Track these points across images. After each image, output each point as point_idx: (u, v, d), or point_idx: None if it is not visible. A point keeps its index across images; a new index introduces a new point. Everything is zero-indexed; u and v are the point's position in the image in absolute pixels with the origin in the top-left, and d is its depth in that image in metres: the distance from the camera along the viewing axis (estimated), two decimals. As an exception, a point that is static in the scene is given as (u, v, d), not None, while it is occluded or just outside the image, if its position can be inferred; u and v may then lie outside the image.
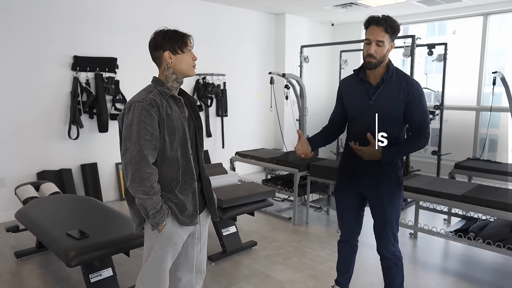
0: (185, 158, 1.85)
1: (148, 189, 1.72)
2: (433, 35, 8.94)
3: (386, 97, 2.13)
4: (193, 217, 1.88)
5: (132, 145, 1.72)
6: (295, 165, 4.20)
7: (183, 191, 1.86)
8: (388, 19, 2.08)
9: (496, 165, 4.30)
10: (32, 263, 3.29)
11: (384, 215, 2.25)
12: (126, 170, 1.75)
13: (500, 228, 3.03)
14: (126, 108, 1.79)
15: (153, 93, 1.79)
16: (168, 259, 1.90)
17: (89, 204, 3.25)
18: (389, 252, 2.30)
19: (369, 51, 2.07)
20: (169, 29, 1.84)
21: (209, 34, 5.93)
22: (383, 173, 2.21)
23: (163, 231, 1.82)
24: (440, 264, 3.38)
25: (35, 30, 4.32)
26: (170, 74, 1.85)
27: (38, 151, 4.45)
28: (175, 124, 1.81)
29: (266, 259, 3.40)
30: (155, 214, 1.76)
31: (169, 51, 1.81)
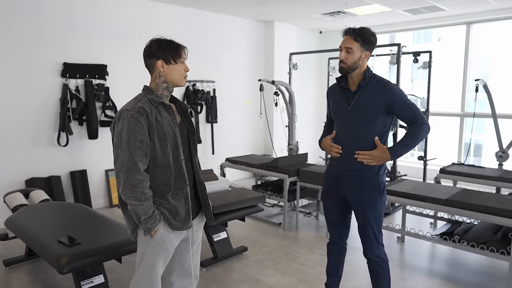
0: (177, 164, 1.88)
1: (139, 195, 1.76)
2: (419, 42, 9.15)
3: (363, 102, 2.26)
4: (186, 221, 1.91)
5: (123, 152, 1.76)
6: (284, 171, 4.25)
7: (175, 196, 1.89)
8: (359, 29, 2.24)
9: (479, 169, 4.42)
10: (21, 271, 3.26)
11: (366, 219, 2.34)
12: (118, 177, 1.78)
13: (484, 231, 3.13)
14: (116, 117, 1.83)
15: (142, 101, 1.82)
16: (159, 264, 1.93)
17: (80, 211, 3.25)
18: (374, 255, 2.38)
19: (340, 57, 2.27)
20: (165, 39, 1.88)
21: (199, 41, 5.98)
22: (364, 179, 2.31)
23: (155, 236, 1.85)
24: (427, 267, 3.46)
25: (25, 37, 4.32)
26: (161, 82, 1.89)
27: (27, 158, 4.42)
28: (166, 130, 1.84)
29: (256, 264, 3.43)
30: (147, 220, 1.79)
31: (162, 60, 1.85)
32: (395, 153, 2.25)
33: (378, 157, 2.24)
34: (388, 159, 2.24)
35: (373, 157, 2.24)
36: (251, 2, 5.44)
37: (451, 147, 6.56)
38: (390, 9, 5.78)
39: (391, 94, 2.21)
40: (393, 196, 3.43)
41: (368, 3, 5.45)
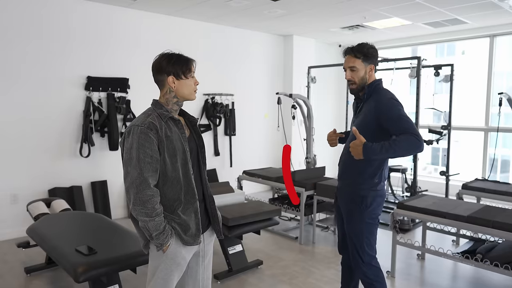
0: (187, 178, 1.87)
1: (150, 211, 1.74)
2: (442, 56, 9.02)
3: (363, 113, 2.32)
4: (197, 236, 1.90)
5: (133, 168, 1.75)
6: (301, 184, 4.22)
7: (186, 211, 1.87)
8: (357, 46, 2.30)
9: (504, 186, 4.27)
10: (41, 279, 3.34)
11: (346, 232, 2.39)
12: (128, 193, 1.77)
13: (508, 249, 3.00)
14: (126, 132, 1.82)
15: (151, 116, 1.82)
16: (174, 279, 1.91)
17: (98, 221, 3.31)
18: (360, 273, 2.36)
19: (346, 77, 2.32)
20: (174, 53, 1.88)
21: (219, 55, 6.08)
22: (345, 188, 2.38)
23: (167, 251, 1.84)
24: (448, 286, 3.34)
25: (52, 52, 4.50)
26: (171, 97, 1.89)
27: (50, 168, 4.56)
28: (175, 145, 1.83)
29: (271, 278, 3.40)
30: (158, 235, 1.78)
31: (173, 76, 1.85)
32: (368, 149, 2.08)
33: (355, 147, 2.13)
34: (360, 153, 2.10)
35: (352, 146, 2.15)
36: (271, 16, 5.51)
37: (475, 162, 6.38)
38: (410, 22, 5.74)
39: (380, 107, 2.22)
40: (412, 212, 3.35)
41: (387, 16, 5.42)
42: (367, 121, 2.26)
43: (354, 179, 2.31)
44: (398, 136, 2.11)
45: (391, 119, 2.16)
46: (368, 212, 2.30)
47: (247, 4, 4.86)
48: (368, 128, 2.23)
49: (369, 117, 2.25)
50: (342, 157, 2.42)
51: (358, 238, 2.32)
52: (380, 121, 2.20)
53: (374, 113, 2.22)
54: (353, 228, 2.33)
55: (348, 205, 2.35)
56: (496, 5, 4.82)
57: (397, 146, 2.07)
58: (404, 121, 2.13)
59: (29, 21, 4.32)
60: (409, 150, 2.09)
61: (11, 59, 4.23)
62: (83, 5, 4.69)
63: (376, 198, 2.30)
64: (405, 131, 2.09)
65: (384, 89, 2.33)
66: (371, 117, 2.24)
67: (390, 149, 2.07)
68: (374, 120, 2.22)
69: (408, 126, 2.11)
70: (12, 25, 4.21)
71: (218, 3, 4.82)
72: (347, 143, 2.41)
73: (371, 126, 2.24)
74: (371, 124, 2.24)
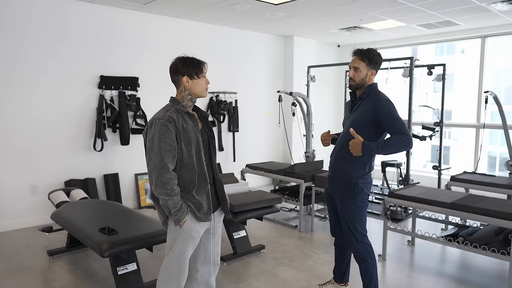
0: (200, 165, 2.17)
1: (169, 191, 2.05)
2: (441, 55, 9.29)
3: (359, 112, 2.62)
4: (208, 214, 2.21)
5: (155, 155, 2.05)
6: (300, 176, 4.54)
7: (199, 192, 2.18)
8: (366, 50, 2.60)
9: (490, 178, 4.57)
10: (63, 260, 3.66)
11: (341, 216, 2.69)
12: (150, 176, 2.08)
13: (487, 233, 3.31)
14: (148, 124, 2.13)
15: (170, 111, 2.12)
16: (188, 250, 2.21)
17: (115, 208, 3.63)
18: (353, 249, 2.69)
19: (349, 75, 2.64)
20: (188, 57, 2.18)
21: (223, 55, 6.40)
22: (339, 177, 2.67)
23: (183, 226, 2.15)
24: (435, 267, 3.64)
25: (68, 53, 4.82)
26: (186, 95, 2.19)
27: (66, 161, 4.89)
28: (190, 136, 2.13)
29: (273, 261, 3.72)
30: (176, 212, 2.09)
31: (187, 76, 2.15)
32: (366, 148, 2.44)
33: (355, 145, 2.47)
34: (359, 151, 2.45)
35: (351, 144, 2.49)
36: (273, 19, 5.81)
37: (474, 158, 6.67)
38: (404, 24, 6.03)
39: (377, 110, 2.51)
40: (401, 200, 3.66)
41: (382, 18, 5.72)
42: (364, 118, 2.56)
43: (347, 169, 2.63)
44: (392, 135, 2.47)
45: (386, 118, 2.49)
46: (359, 197, 2.63)
47: (250, 7, 5.16)
48: (364, 124, 2.56)
49: (366, 114, 2.56)
50: (335, 151, 2.73)
51: (352, 220, 2.64)
52: (376, 118, 2.52)
53: (372, 111, 2.53)
54: (346, 211, 2.65)
55: (342, 192, 2.66)
56: (485, 8, 5.11)
57: (391, 144, 2.44)
58: (397, 122, 2.48)
59: (48, 26, 4.64)
60: (401, 147, 2.46)
61: (32, 60, 4.55)
62: (97, 10, 5.00)
63: (365, 184, 2.63)
64: (397, 130, 2.45)
65: (381, 92, 2.65)
66: (368, 114, 2.55)
67: (385, 147, 2.44)
68: (371, 117, 2.53)
69: (400, 126, 2.46)
70: (34, 30, 4.53)
71: (223, 6, 5.12)
72: (340, 139, 2.71)
73: (367, 122, 2.55)
74: (368, 120, 2.55)
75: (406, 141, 2.42)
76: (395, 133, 2.46)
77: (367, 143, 2.45)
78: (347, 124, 2.70)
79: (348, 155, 2.57)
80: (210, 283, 2.38)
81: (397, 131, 2.45)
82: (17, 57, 4.46)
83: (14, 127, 4.50)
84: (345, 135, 2.65)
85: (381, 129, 2.55)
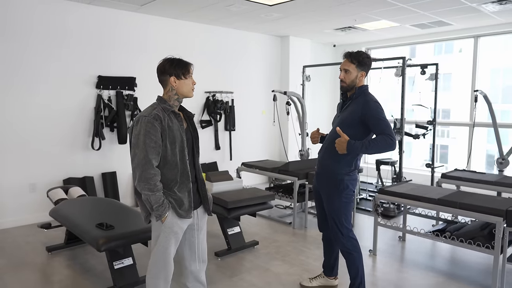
0: (183, 163, 2.23)
1: (152, 186, 2.11)
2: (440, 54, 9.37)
3: (348, 111, 2.72)
4: (189, 211, 2.26)
5: (140, 151, 2.11)
6: (294, 174, 4.63)
7: (181, 189, 2.23)
8: (355, 53, 2.69)
9: (480, 175, 4.66)
10: (61, 256, 3.76)
11: (327, 211, 2.79)
12: (134, 172, 2.14)
13: (473, 228, 3.41)
14: (135, 121, 2.19)
15: (157, 109, 2.18)
16: (171, 245, 2.26)
17: (112, 205, 3.72)
18: (339, 244, 2.79)
19: (339, 77, 2.73)
20: (175, 58, 2.24)
21: (219, 55, 6.49)
22: (326, 173, 2.76)
23: (165, 221, 2.20)
24: (424, 262, 3.73)
25: (67, 54, 4.91)
26: (173, 94, 2.25)
27: (65, 160, 4.98)
28: (175, 134, 2.19)
29: (266, 256, 3.81)
30: (158, 207, 2.14)
31: (175, 76, 2.21)
32: (351, 146, 2.54)
33: (340, 143, 2.57)
34: (345, 149, 2.55)
35: (337, 143, 2.59)
36: (268, 19, 5.90)
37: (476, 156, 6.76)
38: (398, 24, 6.13)
39: (365, 111, 2.61)
40: (391, 196, 3.76)
41: (376, 19, 5.81)
42: (353, 117, 2.66)
43: (333, 166, 2.73)
44: (377, 136, 2.57)
45: (373, 119, 2.59)
46: (345, 193, 2.73)
47: (245, 8, 5.25)
48: (353, 123, 2.66)
49: (355, 113, 2.66)
50: (323, 148, 2.83)
51: (337, 215, 2.74)
52: (364, 118, 2.62)
53: (360, 111, 2.63)
54: (332, 207, 2.75)
55: (328, 188, 2.77)
56: (476, 9, 5.20)
57: (375, 144, 2.54)
58: (382, 123, 2.58)
59: (47, 28, 4.72)
60: (384, 148, 2.56)
61: (32, 61, 4.64)
62: (95, 11, 5.09)
63: (350, 181, 2.74)
64: (382, 131, 2.55)
65: (371, 93, 2.75)
66: (357, 114, 2.65)
67: (369, 146, 2.53)
68: (359, 117, 2.63)
69: (385, 127, 2.56)
70: (33, 31, 4.62)
71: (219, 7, 5.21)
72: (328, 137, 2.80)
73: (355, 121, 2.65)
74: (356, 120, 2.65)
75: (390, 142, 2.52)
76: (380, 133, 2.56)
77: (352, 142, 2.55)
78: (336, 123, 2.79)
79: (334, 153, 2.66)
80: (200, 279, 2.46)
81: (382, 132, 2.55)
82: (17, 58, 4.55)
83: (13, 126, 4.59)
84: (333, 133, 2.74)
85: (368, 129, 2.65)
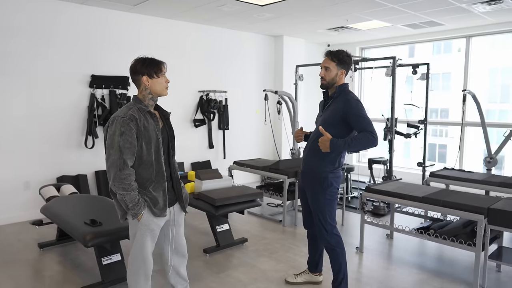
0: (158, 162, 2.27)
1: (127, 186, 2.14)
2: (438, 53, 9.40)
3: (330, 110, 2.77)
4: (163, 210, 2.30)
5: (114, 151, 2.13)
6: (284, 172, 4.69)
7: (156, 189, 2.27)
8: (336, 51, 2.75)
9: (468, 174, 4.71)
10: (52, 252, 3.82)
11: (312, 208, 2.84)
12: (109, 172, 2.16)
13: (456, 226, 3.47)
14: (110, 121, 2.20)
15: (132, 109, 2.20)
16: (148, 242, 2.30)
17: (102, 202, 3.78)
18: (323, 240, 2.84)
19: (320, 74, 2.78)
20: (147, 57, 2.26)
21: (213, 55, 6.54)
22: (310, 172, 2.81)
23: (141, 220, 2.25)
24: (410, 259, 3.79)
25: (59, 53, 4.97)
26: (147, 94, 2.26)
27: (58, 158, 5.04)
28: (151, 134, 2.22)
29: (254, 253, 3.87)
30: (133, 206, 2.18)
31: (147, 76, 2.22)
32: (334, 144, 2.58)
33: (323, 142, 2.61)
34: (328, 147, 2.59)
35: (320, 141, 2.64)
36: (260, 19, 5.95)
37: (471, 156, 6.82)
38: (390, 24, 6.18)
39: (346, 110, 2.66)
40: (377, 194, 3.81)
41: (367, 19, 5.86)
42: (335, 116, 2.71)
43: (317, 164, 2.78)
44: (359, 133, 2.61)
45: (354, 117, 2.64)
46: (329, 190, 2.78)
47: (237, 8, 5.31)
48: (335, 122, 2.71)
49: (337, 112, 2.70)
50: (307, 147, 2.88)
51: (322, 212, 2.79)
52: (345, 116, 2.67)
53: (342, 109, 2.67)
54: (317, 204, 2.80)
55: (312, 186, 2.82)
56: (466, 9, 5.25)
57: (357, 141, 2.58)
58: (364, 120, 2.62)
59: (41, 28, 4.78)
60: (367, 145, 2.60)
61: (25, 60, 4.70)
62: (88, 11, 5.14)
63: (334, 179, 2.79)
64: (364, 129, 2.59)
65: (351, 92, 2.80)
66: (338, 113, 2.69)
67: (352, 144, 2.57)
68: (341, 116, 2.68)
69: (366, 124, 2.60)
70: (27, 31, 4.68)
71: (211, 7, 5.26)
72: (312, 136, 2.86)
73: (337, 120, 2.70)
74: (338, 118, 2.70)
75: (372, 139, 2.56)
76: (362, 131, 2.60)
77: (335, 140, 2.60)
78: (318, 122, 2.85)
79: (318, 151, 2.71)
80: (181, 273, 2.52)
81: (363, 129, 2.59)
82: (12, 57, 4.61)
83: (8, 124, 4.65)
84: (316, 132, 2.79)
85: (350, 128, 2.70)
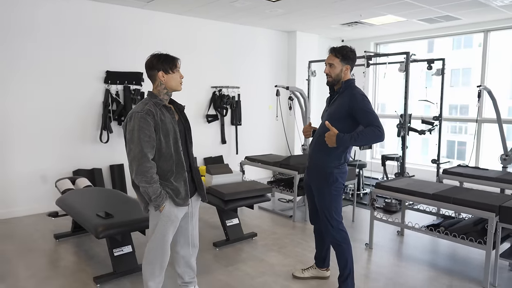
0: (177, 154, 2.34)
1: (149, 179, 2.22)
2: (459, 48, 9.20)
3: (336, 105, 2.76)
4: (186, 199, 2.39)
5: (135, 146, 2.21)
6: (295, 168, 4.70)
7: (177, 179, 2.35)
8: (339, 47, 2.73)
9: (482, 171, 4.63)
10: (68, 243, 3.94)
11: (318, 204, 2.84)
12: (131, 166, 2.24)
13: (467, 223, 3.42)
14: (128, 117, 2.29)
15: (148, 104, 2.28)
16: (169, 233, 2.40)
17: (115, 195, 3.88)
18: (328, 236, 2.84)
19: (324, 71, 2.77)
20: (162, 53, 2.33)
21: (226, 51, 6.58)
22: (316, 167, 2.80)
23: (163, 211, 2.33)
24: (420, 257, 3.76)
25: (76, 50, 5.08)
26: (162, 89, 2.33)
27: (74, 152, 5.17)
28: (168, 127, 2.29)
29: (263, 247, 3.91)
30: (156, 198, 2.26)
31: (162, 71, 2.29)
32: (341, 139, 2.57)
33: (330, 136, 2.61)
34: (334, 142, 2.59)
35: (326, 136, 2.63)
36: (272, 15, 5.95)
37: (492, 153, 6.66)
38: (405, 19, 6.09)
39: (352, 104, 2.65)
40: (387, 190, 3.79)
41: (381, 14, 5.79)
42: (341, 111, 2.71)
43: (323, 160, 2.78)
44: (365, 128, 2.59)
45: (360, 112, 2.63)
46: (334, 186, 2.78)
47: (249, 4, 5.32)
48: (341, 117, 2.70)
49: (343, 107, 2.70)
50: (313, 143, 2.88)
51: (327, 208, 2.80)
52: (352, 111, 2.66)
53: (348, 104, 2.67)
54: (323, 200, 2.81)
55: (318, 181, 2.82)
56: (483, 3, 5.13)
57: (364, 136, 2.56)
58: (370, 115, 2.61)
59: (59, 25, 4.91)
60: (373, 139, 2.58)
61: (44, 57, 4.83)
62: (104, 8, 5.25)
63: (340, 174, 2.79)
64: (370, 123, 2.58)
65: (357, 87, 2.78)
66: (344, 107, 2.69)
67: (358, 138, 2.56)
68: (347, 110, 2.68)
69: (373, 119, 2.59)
70: (45, 29, 4.80)
71: (223, 3, 5.29)
72: (318, 131, 2.86)
73: (343, 115, 2.70)
74: (344, 113, 2.69)
75: (378, 133, 2.54)
76: (368, 125, 2.58)
77: (341, 135, 2.59)
78: (324, 117, 2.85)
79: (324, 147, 2.71)
80: (191, 264, 2.59)
81: (370, 124, 2.57)
82: (31, 53, 4.74)
83: (26, 119, 4.80)
84: (322, 127, 2.80)
85: (356, 122, 2.69)
